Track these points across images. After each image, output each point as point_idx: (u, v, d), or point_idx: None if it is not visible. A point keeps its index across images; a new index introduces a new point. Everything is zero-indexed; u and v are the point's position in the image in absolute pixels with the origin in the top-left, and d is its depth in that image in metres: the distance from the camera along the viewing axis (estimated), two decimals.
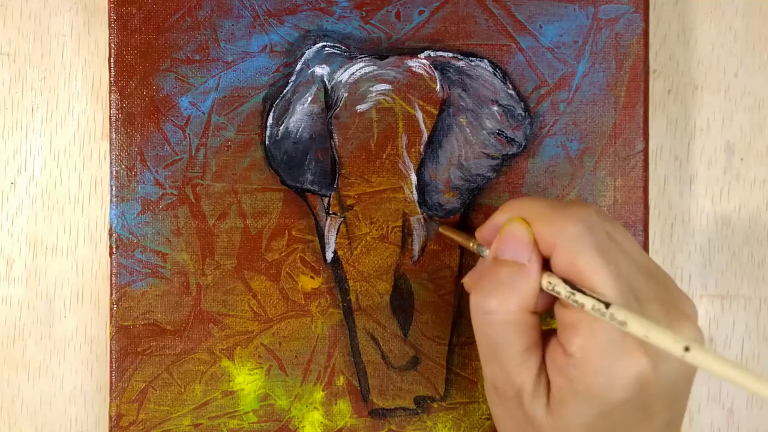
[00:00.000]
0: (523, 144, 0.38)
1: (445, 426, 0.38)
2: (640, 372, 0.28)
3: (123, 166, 0.38)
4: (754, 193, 0.41)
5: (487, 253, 0.32)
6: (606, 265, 0.28)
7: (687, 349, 0.25)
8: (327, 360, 0.38)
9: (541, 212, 0.30)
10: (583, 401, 0.28)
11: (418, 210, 0.38)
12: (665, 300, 0.29)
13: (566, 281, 0.29)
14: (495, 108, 0.38)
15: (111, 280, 0.38)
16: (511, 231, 0.31)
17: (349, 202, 0.38)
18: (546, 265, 0.30)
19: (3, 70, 0.41)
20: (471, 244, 0.34)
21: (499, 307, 0.30)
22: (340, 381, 0.38)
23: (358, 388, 0.38)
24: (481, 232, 0.33)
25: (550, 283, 0.29)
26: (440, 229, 0.37)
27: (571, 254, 0.29)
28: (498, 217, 0.32)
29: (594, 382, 0.28)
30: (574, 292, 0.28)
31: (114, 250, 0.38)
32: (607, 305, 0.27)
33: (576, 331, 0.28)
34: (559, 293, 0.29)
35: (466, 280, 0.34)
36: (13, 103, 0.41)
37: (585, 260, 0.28)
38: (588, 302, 0.28)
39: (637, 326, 0.27)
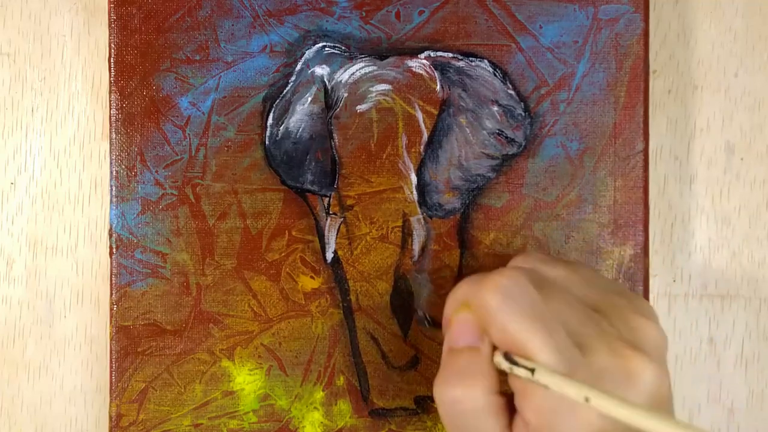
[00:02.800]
0: (523, 144, 0.38)
1: None
2: (592, 422, 0.27)
3: (123, 166, 0.38)
4: (754, 193, 0.41)
5: None
6: (535, 326, 0.28)
7: (587, 399, 0.26)
8: (327, 360, 0.38)
9: (467, 294, 0.30)
10: None
11: (418, 210, 0.38)
12: (616, 338, 0.29)
13: (505, 355, 0.28)
14: (495, 108, 0.38)
15: (111, 280, 0.38)
16: (457, 320, 0.30)
17: (349, 202, 0.38)
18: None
19: (3, 70, 0.41)
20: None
21: (465, 394, 0.29)
22: (341, 381, 0.38)
23: (358, 388, 0.38)
24: (444, 329, 0.33)
25: (497, 362, 0.29)
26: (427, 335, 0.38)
27: (500, 326, 0.28)
28: (446, 311, 0.32)
29: None
30: (511, 366, 0.28)
31: (114, 250, 0.38)
32: (533, 371, 0.27)
33: (526, 398, 0.28)
34: (505, 369, 0.29)
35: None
36: (13, 103, 0.41)
37: (514, 328, 0.28)
38: (522, 372, 0.28)
39: (556, 386, 0.27)
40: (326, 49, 0.38)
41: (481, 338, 0.30)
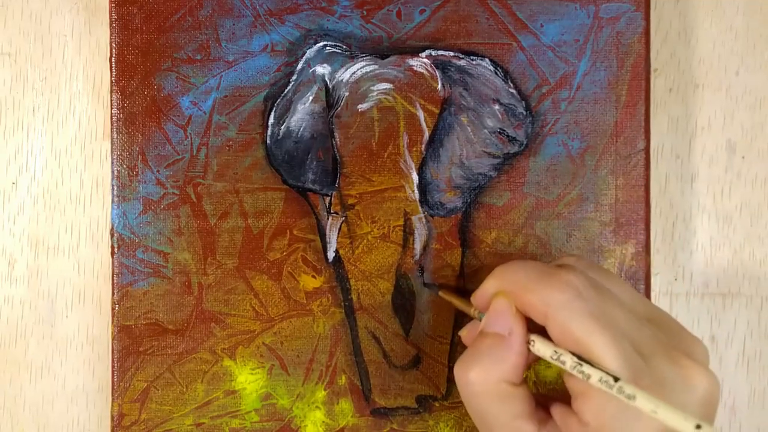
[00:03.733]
0: (525, 143, 0.38)
1: (447, 425, 0.38)
2: (656, 430, 0.27)
3: (124, 166, 0.38)
4: (755, 192, 0.41)
5: None
6: (601, 329, 0.28)
7: (698, 426, 0.25)
8: (329, 359, 0.38)
9: (528, 282, 0.30)
10: None
11: (420, 209, 0.38)
12: (671, 347, 0.29)
13: (579, 357, 0.28)
14: (496, 107, 0.38)
15: (113, 280, 0.38)
16: (494, 306, 0.31)
17: (350, 201, 0.38)
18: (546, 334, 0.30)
19: (4, 69, 0.41)
20: (472, 311, 0.34)
21: (477, 378, 0.30)
22: (342, 380, 0.38)
23: (360, 387, 0.38)
24: (475, 299, 0.33)
25: (555, 352, 0.29)
26: (440, 293, 0.37)
27: (564, 323, 0.28)
28: (488, 285, 0.32)
29: None
30: (581, 363, 0.28)
31: (116, 249, 0.38)
32: (616, 379, 0.27)
33: (588, 399, 0.28)
34: (564, 363, 0.29)
35: (463, 334, 0.35)
36: (14, 103, 0.41)
37: (578, 328, 0.28)
38: (595, 374, 0.27)
39: (645, 402, 0.26)
40: (327, 48, 0.38)
41: (510, 328, 0.30)
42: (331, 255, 0.38)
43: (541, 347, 0.30)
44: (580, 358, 0.28)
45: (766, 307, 0.41)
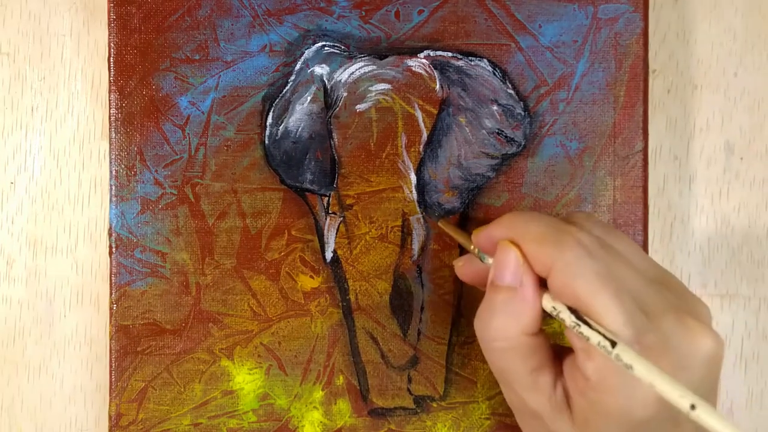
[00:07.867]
0: (523, 143, 0.38)
1: (445, 425, 0.38)
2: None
3: (123, 166, 0.38)
4: (753, 193, 0.41)
5: (487, 259, 0.32)
6: (605, 287, 0.28)
7: (693, 407, 0.25)
8: (326, 359, 0.38)
9: (539, 235, 0.30)
10: (606, 421, 0.28)
11: (418, 209, 0.38)
12: (677, 307, 0.29)
13: (571, 309, 0.28)
14: (494, 107, 0.38)
15: (111, 280, 0.38)
16: (503, 257, 0.30)
17: (348, 201, 0.38)
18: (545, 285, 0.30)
19: (3, 69, 0.41)
20: (472, 247, 0.33)
21: (497, 334, 0.30)
22: (340, 380, 0.38)
23: (358, 387, 0.38)
24: (477, 237, 0.32)
25: (554, 308, 0.29)
26: (439, 223, 0.37)
27: (568, 279, 0.28)
28: (494, 230, 0.31)
29: (614, 404, 0.28)
30: (579, 323, 0.28)
31: (114, 249, 0.38)
32: (614, 344, 0.27)
33: (589, 355, 0.28)
34: (563, 320, 0.29)
35: (458, 264, 0.35)
36: (12, 103, 0.41)
37: (583, 285, 0.28)
38: (594, 337, 0.27)
39: (643, 372, 0.26)
40: (326, 48, 0.38)
41: (522, 280, 0.30)
42: (329, 255, 0.38)
43: (545, 301, 0.30)
44: (578, 317, 0.28)
45: (764, 308, 0.41)
